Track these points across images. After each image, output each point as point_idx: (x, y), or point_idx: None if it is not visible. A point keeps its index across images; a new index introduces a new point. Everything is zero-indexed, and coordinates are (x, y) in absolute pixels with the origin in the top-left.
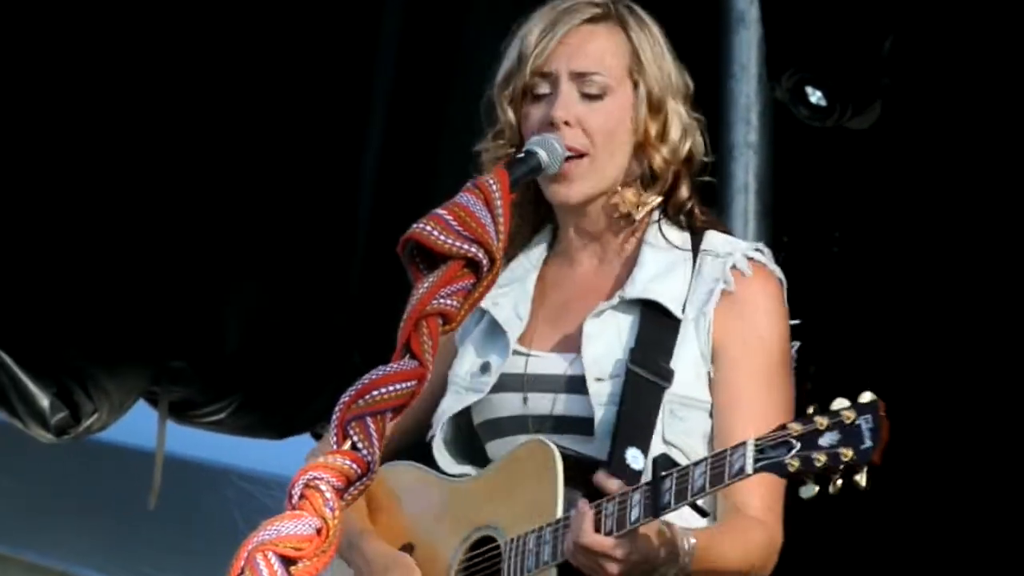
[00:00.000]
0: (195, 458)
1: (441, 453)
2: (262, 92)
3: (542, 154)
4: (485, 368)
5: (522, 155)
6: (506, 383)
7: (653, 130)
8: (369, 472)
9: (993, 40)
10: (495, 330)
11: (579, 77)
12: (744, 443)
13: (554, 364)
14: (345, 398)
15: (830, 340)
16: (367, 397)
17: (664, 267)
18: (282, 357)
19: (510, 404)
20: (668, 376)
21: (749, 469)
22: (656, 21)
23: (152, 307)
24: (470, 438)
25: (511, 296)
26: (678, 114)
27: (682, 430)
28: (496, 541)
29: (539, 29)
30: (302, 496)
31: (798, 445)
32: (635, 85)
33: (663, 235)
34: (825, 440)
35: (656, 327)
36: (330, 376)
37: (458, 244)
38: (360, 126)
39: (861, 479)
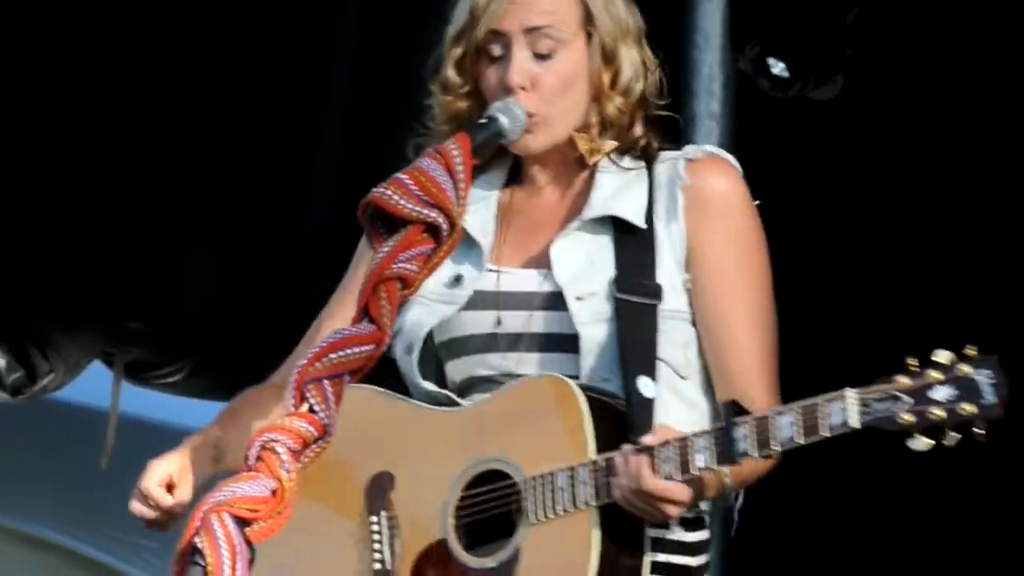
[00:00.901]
0: (153, 419)
1: (414, 371)
2: (220, 56)
3: (503, 120)
4: (457, 280)
5: (484, 120)
6: (476, 300)
7: (606, 79)
8: (326, 435)
9: (957, 12)
10: (465, 241)
11: (531, 32)
12: (842, 394)
13: (526, 281)
14: (303, 361)
15: (789, 311)
16: (324, 360)
17: (620, 185)
18: (240, 321)
19: (481, 321)
20: (657, 293)
21: (855, 423)
22: None
23: (109, 268)
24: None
25: (476, 214)
26: (630, 59)
27: (667, 342)
28: (508, 477)
29: None
30: (258, 458)
31: (911, 400)
32: (588, 36)
33: (614, 162)
34: (939, 394)
35: (631, 246)
36: (287, 340)
37: (418, 209)
38: (322, 86)
39: (980, 432)
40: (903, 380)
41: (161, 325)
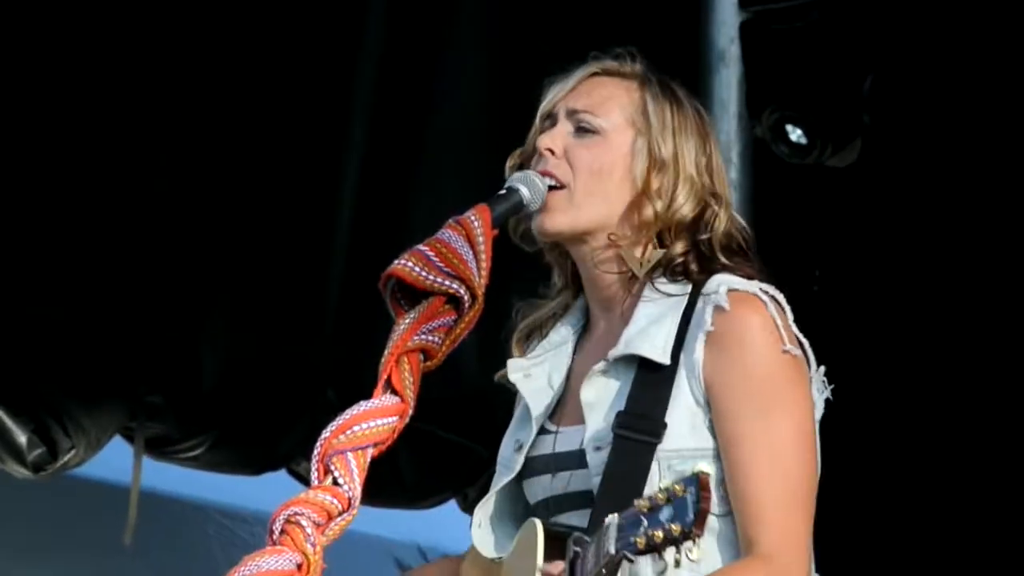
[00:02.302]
0: (175, 494)
1: (476, 531)
2: (237, 130)
3: (524, 191)
4: (519, 447)
5: (503, 192)
6: (537, 465)
7: (655, 183)
8: (350, 508)
9: (971, 79)
10: (526, 403)
11: (573, 114)
12: (610, 522)
13: (572, 439)
14: (326, 433)
15: None
16: (348, 433)
17: (654, 317)
18: (257, 393)
19: (543, 485)
20: (658, 432)
21: (612, 550)
22: (703, 114)
23: (128, 343)
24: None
25: (546, 365)
26: (685, 177)
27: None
28: None
29: (554, 84)
30: (283, 532)
31: (646, 522)
32: (636, 137)
33: (657, 289)
34: (664, 514)
35: (648, 382)
36: (305, 413)
37: (439, 280)
38: (336, 160)
39: (691, 552)
40: (642, 502)
41: (181, 399)
